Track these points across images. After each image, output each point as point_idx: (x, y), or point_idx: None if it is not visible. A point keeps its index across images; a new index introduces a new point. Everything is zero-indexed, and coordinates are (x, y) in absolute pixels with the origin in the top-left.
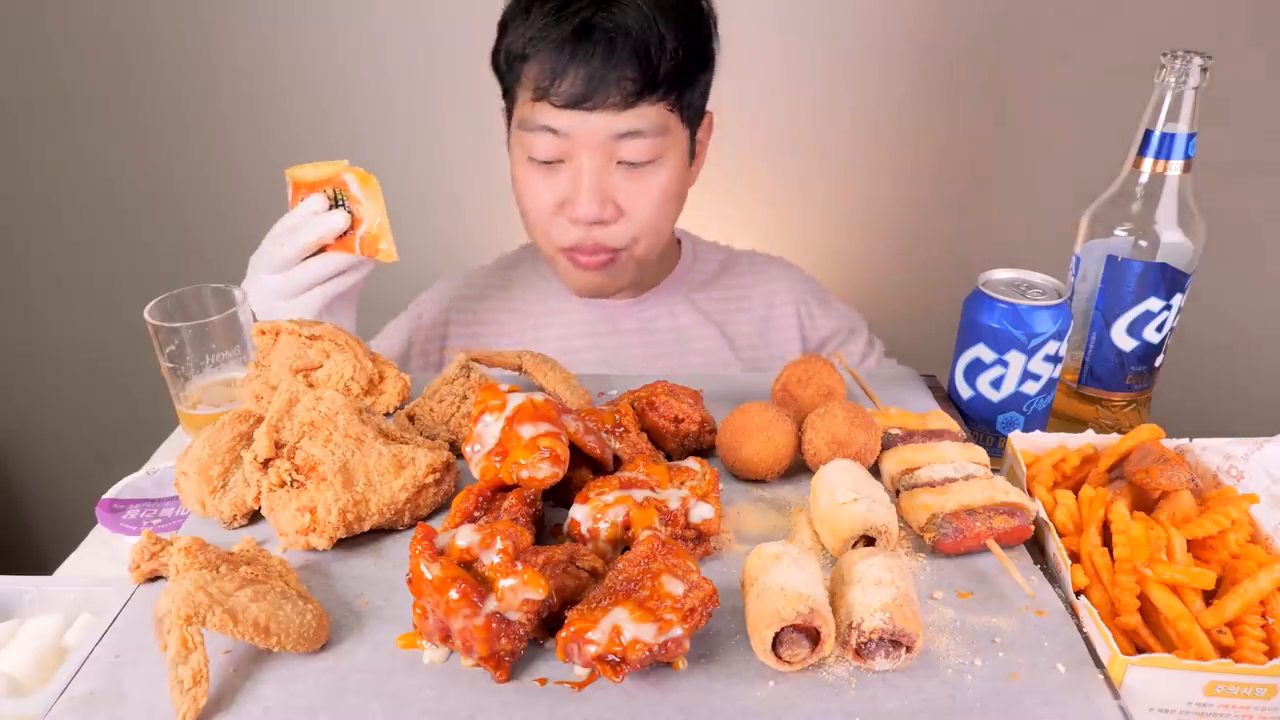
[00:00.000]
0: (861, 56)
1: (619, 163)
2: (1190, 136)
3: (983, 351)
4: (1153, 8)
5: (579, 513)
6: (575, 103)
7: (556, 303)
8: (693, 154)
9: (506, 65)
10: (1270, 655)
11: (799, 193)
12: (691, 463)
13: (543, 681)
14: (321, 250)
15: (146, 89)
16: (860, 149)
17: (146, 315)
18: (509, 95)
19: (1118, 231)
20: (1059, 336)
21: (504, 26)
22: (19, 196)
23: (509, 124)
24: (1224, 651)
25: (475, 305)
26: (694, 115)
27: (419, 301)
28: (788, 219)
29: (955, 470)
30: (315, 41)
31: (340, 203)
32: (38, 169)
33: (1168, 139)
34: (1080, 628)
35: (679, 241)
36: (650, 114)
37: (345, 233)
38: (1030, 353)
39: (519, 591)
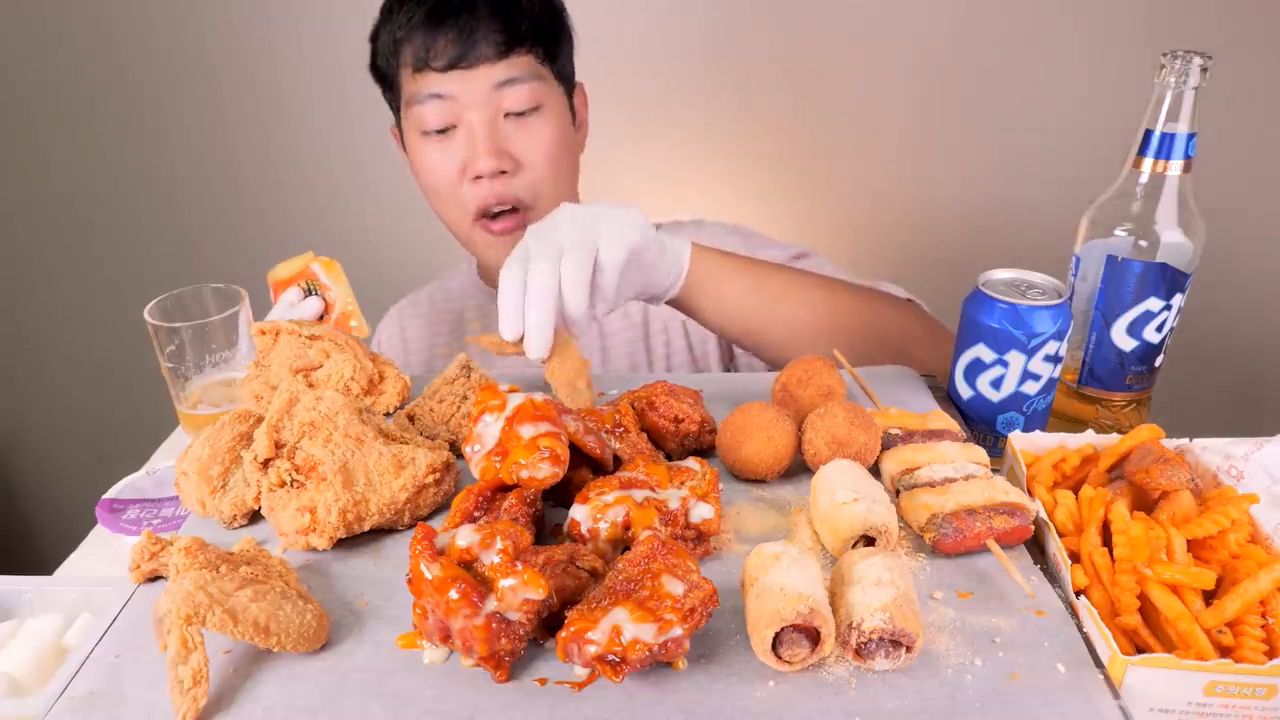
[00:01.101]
0: (860, 56)
1: (506, 115)
2: (1190, 136)
3: (983, 351)
4: (1153, 8)
5: (579, 513)
6: (454, 62)
7: (484, 298)
8: (574, 119)
9: (386, 62)
10: (1270, 655)
11: (795, 193)
12: (691, 463)
13: (543, 681)
14: None
15: (146, 89)
16: (859, 149)
17: (146, 315)
18: (394, 89)
19: (1118, 231)
20: (1059, 336)
21: (376, 35)
22: (20, 197)
23: (399, 124)
24: (1224, 651)
25: (424, 318)
26: (566, 77)
27: (377, 332)
28: (786, 220)
29: (955, 470)
30: (315, 42)
31: (314, 291)
32: (38, 169)
33: (1168, 139)
34: (1080, 628)
35: None
36: (523, 63)
37: (321, 318)
38: (1030, 353)
39: (519, 591)
